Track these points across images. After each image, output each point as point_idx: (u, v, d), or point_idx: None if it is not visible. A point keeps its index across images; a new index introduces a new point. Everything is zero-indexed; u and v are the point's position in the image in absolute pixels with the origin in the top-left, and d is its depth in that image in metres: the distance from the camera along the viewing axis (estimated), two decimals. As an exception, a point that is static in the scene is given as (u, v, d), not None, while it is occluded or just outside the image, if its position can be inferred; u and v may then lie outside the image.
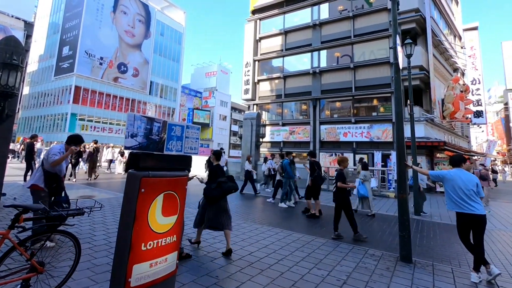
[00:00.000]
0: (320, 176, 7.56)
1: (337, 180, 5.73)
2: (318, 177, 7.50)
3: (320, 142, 19.24)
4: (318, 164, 7.79)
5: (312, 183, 7.54)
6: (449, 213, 8.22)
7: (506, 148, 50.85)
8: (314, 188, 7.50)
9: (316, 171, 7.54)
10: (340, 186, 5.61)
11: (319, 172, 7.57)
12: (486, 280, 3.67)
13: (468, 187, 3.88)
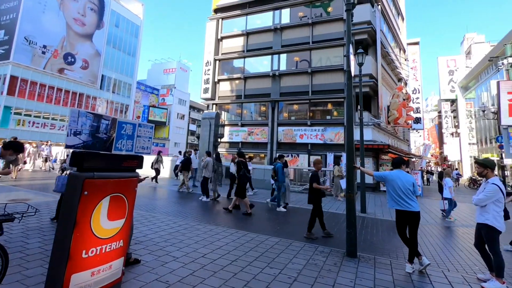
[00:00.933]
0: (245, 175, 7.95)
1: (311, 181, 5.95)
2: (243, 176, 7.86)
3: (277, 143, 19.74)
4: (244, 164, 8.16)
5: (238, 181, 7.93)
6: (390, 210, 9.01)
7: (438, 151, 57.57)
8: (239, 187, 7.80)
9: (242, 170, 7.89)
10: (315, 187, 5.84)
11: (244, 171, 7.93)
12: (418, 270, 4.10)
13: (406, 187, 4.30)
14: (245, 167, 8.08)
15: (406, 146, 27.15)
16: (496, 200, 3.84)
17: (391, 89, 21.69)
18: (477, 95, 39.72)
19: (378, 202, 11.57)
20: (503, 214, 3.93)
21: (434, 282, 3.78)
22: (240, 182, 7.82)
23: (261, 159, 20.77)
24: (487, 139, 36.46)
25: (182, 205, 8.35)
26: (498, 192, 3.83)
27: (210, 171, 9.35)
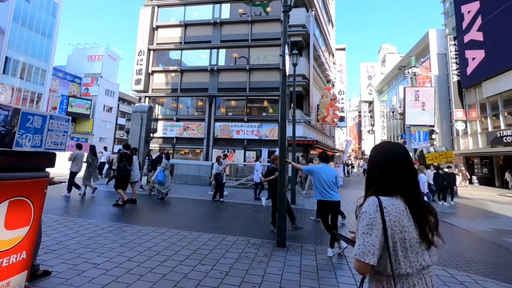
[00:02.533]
0: (125, 167, 7.80)
1: (265, 176, 6.44)
2: (122, 168, 7.73)
3: (214, 139, 19.59)
4: (127, 156, 7.91)
5: (116, 173, 7.87)
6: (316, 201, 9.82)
7: (358, 146, 65.29)
8: (119, 179, 7.71)
9: (123, 163, 7.75)
10: (263, 181, 6.34)
11: (125, 163, 7.77)
12: (338, 253, 4.57)
13: (330, 179, 4.73)
14: (127, 160, 7.77)
15: (332, 141, 29.91)
16: None
17: (321, 89, 23.53)
18: (389, 98, 46.01)
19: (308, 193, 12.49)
20: None
21: (350, 262, 4.27)
22: (119, 174, 7.66)
23: (196, 155, 20.35)
24: (395, 136, 42.55)
25: (107, 206, 7.63)
26: None
27: (78, 165, 8.60)
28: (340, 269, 4.00)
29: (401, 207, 1.21)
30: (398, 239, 1.17)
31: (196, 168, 13.58)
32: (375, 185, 1.32)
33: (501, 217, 9.43)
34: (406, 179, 1.28)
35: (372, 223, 1.18)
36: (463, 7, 24.13)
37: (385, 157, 1.35)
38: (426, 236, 1.19)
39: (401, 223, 1.18)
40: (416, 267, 1.17)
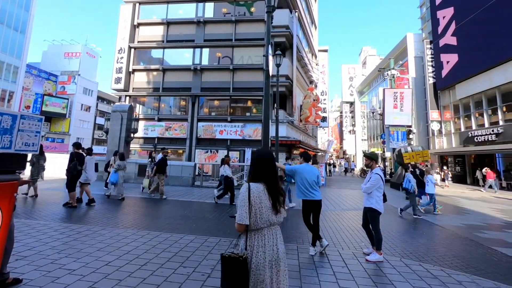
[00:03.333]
0: (75, 167, 7.38)
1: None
2: (72, 168, 7.33)
3: (196, 139, 19.38)
4: (79, 156, 7.53)
5: (66, 173, 7.42)
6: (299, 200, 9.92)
7: (339, 146, 66.74)
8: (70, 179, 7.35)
9: (73, 163, 7.35)
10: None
11: (75, 163, 7.37)
12: (319, 251, 4.64)
13: (312, 179, 4.79)
14: (78, 160, 7.39)
15: (314, 141, 30.37)
16: (378, 187, 4.60)
17: (304, 90, 23.82)
18: (369, 99, 47.32)
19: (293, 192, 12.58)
20: (383, 198, 4.73)
21: (331, 260, 4.35)
22: (69, 174, 7.26)
23: (179, 156, 20.05)
24: (375, 136, 43.85)
25: (84, 209, 7.36)
26: (380, 180, 4.58)
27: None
28: (321, 267, 4.06)
29: (261, 188, 1.96)
30: (257, 207, 1.90)
31: (179, 168, 13.36)
32: (251, 175, 2.06)
33: (471, 213, 9.92)
34: (267, 172, 2.03)
35: (244, 199, 1.91)
36: (439, 12, 25.21)
37: (256, 158, 2.10)
38: (275, 206, 1.96)
39: (260, 198, 1.92)
40: (266, 224, 1.93)
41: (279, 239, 2.01)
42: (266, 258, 1.88)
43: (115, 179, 8.93)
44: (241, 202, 1.92)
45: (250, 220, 1.88)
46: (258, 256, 1.88)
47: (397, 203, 11.14)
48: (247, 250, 1.91)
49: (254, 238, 1.92)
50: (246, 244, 1.91)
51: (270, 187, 1.98)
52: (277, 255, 1.93)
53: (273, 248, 1.94)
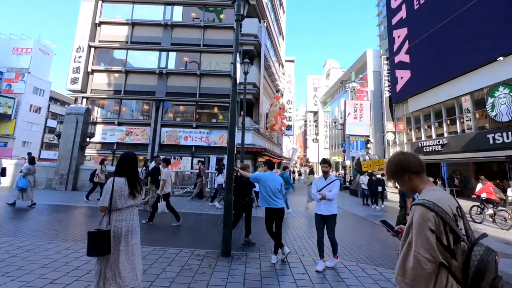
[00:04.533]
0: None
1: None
2: None
3: (159, 145, 18.72)
4: None
5: None
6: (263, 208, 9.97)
7: (303, 154, 68.88)
8: None
9: None
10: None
11: None
12: (281, 259, 4.67)
13: (275, 187, 4.83)
14: None
15: (279, 149, 30.96)
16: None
17: (270, 98, 24.28)
18: (332, 110, 49.61)
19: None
20: None
21: (292, 267, 4.40)
22: None
23: (140, 162, 19.14)
24: (336, 145, 45.92)
25: (25, 221, 6.66)
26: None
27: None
28: (283, 275, 4.08)
29: (123, 181, 2.76)
30: (118, 194, 2.69)
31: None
32: (116, 171, 2.81)
33: (421, 217, 10.70)
34: (128, 170, 2.83)
35: (108, 189, 2.68)
36: (394, 31, 27.43)
37: (121, 159, 2.88)
38: (133, 193, 2.79)
39: (121, 188, 2.72)
40: (125, 205, 2.74)
41: (135, 217, 2.87)
42: (123, 229, 2.70)
43: (23, 184, 8.06)
44: (106, 190, 2.69)
45: (112, 203, 2.66)
46: (117, 227, 2.68)
47: (356, 210, 11.71)
48: (110, 224, 2.65)
49: (116, 215, 2.70)
50: (109, 220, 2.66)
51: (130, 180, 2.79)
52: (133, 227, 2.79)
53: (130, 223, 2.77)
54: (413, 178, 1.65)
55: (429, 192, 1.53)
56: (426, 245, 1.37)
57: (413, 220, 1.45)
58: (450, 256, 1.39)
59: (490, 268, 1.31)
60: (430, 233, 1.38)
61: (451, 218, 1.41)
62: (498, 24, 15.77)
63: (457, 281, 1.37)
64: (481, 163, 19.58)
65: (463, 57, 18.32)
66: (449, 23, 19.87)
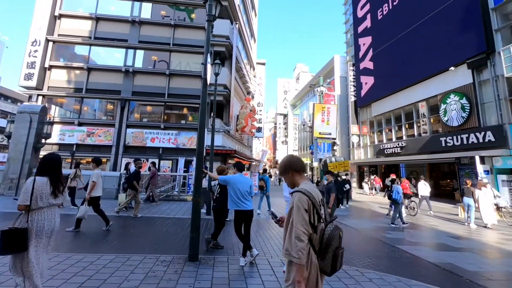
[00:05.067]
0: None
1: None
2: None
3: (124, 147, 17.88)
4: None
5: None
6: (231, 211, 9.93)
7: (272, 156, 69.88)
8: None
9: None
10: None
11: None
12: (249, 261, 4.68)
13: (245, 189, 4.84)
14: None
15: (249, 151, 31.08)
16: None
17: (241, 100, 24.30)
18: (301, 113, 50.93)
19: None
20: None
21: (261, 269, 4.43)
22: None
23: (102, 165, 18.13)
24: (305, 147, 47.16)
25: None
26: None
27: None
28: (251, 277, 4.09)
29: (45, 180, 2.81)
30: (39, 193, 2.74)
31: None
32: (38, 171, 2.89)
33: (382, 216, 11.40)
34: (50, 170, 2.89)
35: (28, 188, 2.71)
36: (360, 39, 28.89)
37: (43, 160, 2.96)
38: (54, 193, 2.85)
39: (42, 187, 2.77)
40: (46, 204, 2.79)
41: (57, 215, 2.92)
42: (45, 227, 2.74)
43: None
44: (26, 189, 2.71)
45: (32, 202, 2.68)
46: (40, 226, 2.70)
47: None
48: (28, 223, 2.67)
49: (36, 214, 2.72)
50: (27, 219, 2.68)
51: (52, 180, 2.86)
52: (54, 226, 2.86)
53: (52, 221, 2.83)
54: (295, 175, 2.13)
55: (304, 185, 2.00)
56: (302, 221, 1.78)
57: (293, 203, 1.86)
58: (313, 231, 1.83)
59: (335, 240, 1.82)
60: (305, 212, 1.80)
61: (318, 203, 1.90)
62: (449, 38, 17.29)
63: (314, 250, 1.84)
64: (435, 164, 21.27)
65: (420, 66, 19.81)
66: (407, 34, 21.40)
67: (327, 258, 1.79)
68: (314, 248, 1.84)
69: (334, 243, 1.81)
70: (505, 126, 13.96)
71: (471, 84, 15.96)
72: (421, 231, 8.57)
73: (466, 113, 15.98)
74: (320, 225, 1.87)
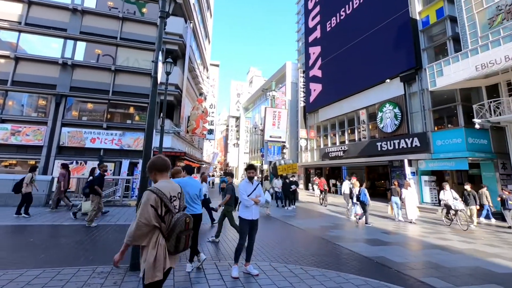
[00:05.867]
0: None
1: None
2: None
3: (58, 147, 16.08)
4: None
5: None
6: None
7: (223, 158, 69.76)
8: None
9: None
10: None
11: None
12: (196, 267, 4.59)
13: (194, 192, 4.73)
14: None
15: (200, 153, 30.52)
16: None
17: (193, 101, 23.75)
18: (253, 116, 51.74)
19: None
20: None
21: (208, 274, 4.37)
22: None
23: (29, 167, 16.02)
24: (256, 150, 47.99)
25: None
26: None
27: None
28: (197, 283, 4.01)
29: None
30: None
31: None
32: None
33: (325, 216, 12.16)
34: None
35: None
36: (310, 48, 30.52)
37: None
38: None
39: None
40: None
41: None
42: None
43: None
44: None
45: None
46: None
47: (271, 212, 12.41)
48: None
49: None
50: None
51: None
52: None
53: None
54: (157, 174, 2.49)
55: (159, 183, 2.40)
56: (146, 215, 2.16)
57: (142, 200, 2.23)
58: (161, 221, 2.24)
59: (179, 226, 2.23)
60: (150, 207, 2.18)
61: (168, 198, 2.29)
62: (386, 53, 19.32)
63: (163, 235, 2.25)
64: (372, 167, 23.45)
65: (362, 77, 21.73)
66: (351, 47, 23.33)
67: (171, 240, 2.23)
68: (163, 234, 2.26)
69: (177, 228, 2.23)
70: (428, 134, 16.05)
71: (403, 95, 18.01)
72: (358, 229, 9.35)
73: (398, 121, 17.96)
74: (169, 215, 2.28)
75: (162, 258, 2.21)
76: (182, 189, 2.59)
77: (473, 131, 13.76)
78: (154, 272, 2.16)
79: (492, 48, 11.45)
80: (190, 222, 2.33)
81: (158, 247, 2.20)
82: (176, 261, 2.43)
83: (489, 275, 5.03)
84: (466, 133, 14.02)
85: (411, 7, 17.82)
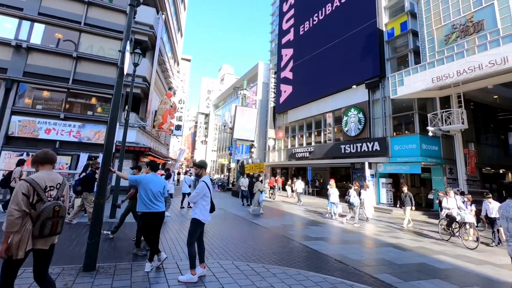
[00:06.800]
0: None
1: None
2: None
3: (6, 138, 14.62)
4: None
5: None
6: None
7: (190, 155, 68.44)
8: None
9: None
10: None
11: None
12: (156, 266, 4.45)
13: (157, 190, 4.59)
14: None
15: (166, 149, 29.65)
16: (204, 195, 4.27)
17: (161, 95, 22.96)
18: (223, 113, 51.32)
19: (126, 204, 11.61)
20: (209, 207, 4.39)
21: (168, 273, 4.28)
22: None
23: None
24: (224, 148, 47.73)
25: None
26: (205, 188, 4.26)
27: None
28: (156, 283, 3.91)
29: None
30: None
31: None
32: None
33: (288, 215, 12.48)
34: None
35: None
36: (283, 50, 30.97)
37: None
38: None
39: None
40: None
41: None
42: None
43: None
44: None
45: None
46: None
47: (235, 210, 12.48)
48: None
49: None
50: None
51: None
52: None
53: None
54: (39, 165, 2.77)
55: (36, 174, 2.68)
56: (17, 202, 2.41)
57: (16, 188, 2.47)
58: (32, 208, 2.49)
59: (45, 213, 2.50)
60: (22, 195, 2.44)
61: (42, 188, 2.56)
62: (354, 60, 20.24)
63: (32, 220, 2.50)
64: (335, 168, 24.45)
65: (330, 81, 22.54)
66: (322, 52, 24.10)
67: (36, 226, 2.48)
68: (32, 219, 2.50)
69: (44, 214, 2.49)
70: (387, 138, 17.12)
71: (367, 101, 19.00)
72: (321, 227, 9.73)
73: (361, 125, 18.92)
74: (40, 204, 2.54)
75: (26, 240, 2.46)
76: (64, 181, 2.82)
77: (426, 138, 14.94)
78: (17, 251, 2.42)
79: (447, 63, 12.53)
80: (61, 210, 2.61)
81: (24, 231, 2.45)
82: (45, 244, 2.63)
83: (434, 271, 5.52)
84: (421, 139, 15.20)
85: (379, 18, 18.86)
